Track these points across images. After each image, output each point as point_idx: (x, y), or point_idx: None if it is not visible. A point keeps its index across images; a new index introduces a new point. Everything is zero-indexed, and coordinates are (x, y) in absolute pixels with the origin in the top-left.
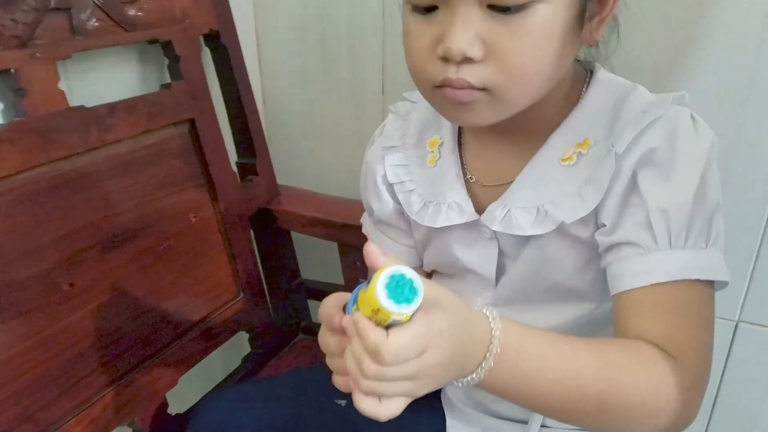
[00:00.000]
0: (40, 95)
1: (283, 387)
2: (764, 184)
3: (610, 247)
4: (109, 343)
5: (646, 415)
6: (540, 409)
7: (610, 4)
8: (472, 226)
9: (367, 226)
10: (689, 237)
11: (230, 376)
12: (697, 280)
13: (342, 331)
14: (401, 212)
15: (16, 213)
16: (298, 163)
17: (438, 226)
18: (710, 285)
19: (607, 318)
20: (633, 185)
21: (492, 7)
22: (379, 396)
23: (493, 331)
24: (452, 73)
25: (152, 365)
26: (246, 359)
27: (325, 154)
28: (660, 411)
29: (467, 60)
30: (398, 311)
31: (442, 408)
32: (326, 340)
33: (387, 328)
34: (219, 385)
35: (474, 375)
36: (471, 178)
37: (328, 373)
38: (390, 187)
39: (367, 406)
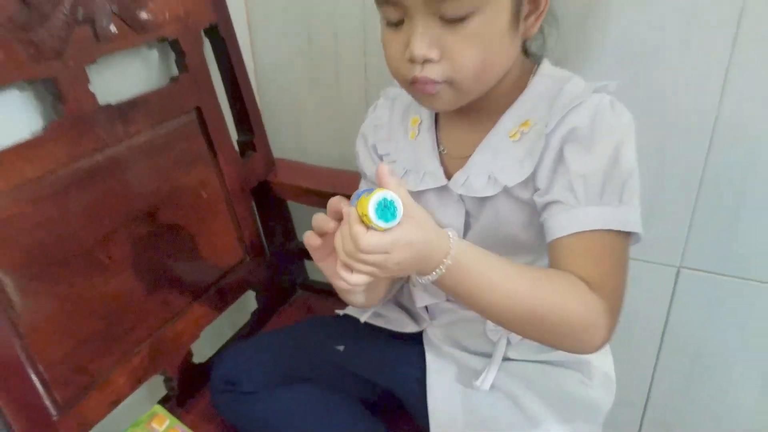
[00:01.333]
0: (74, 98)
1: (288, 338)
2: (700, 142)
3: (544, 206)
4: (142, 305)
5: (581, 329)
6: (484, 313)
7: (543, 3)
8: (443, 190)
9: (362, 186)
10: (603, 196)
11: (241, 329)
12: (611, 230)
13: (339, 215)
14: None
15: (61, 200)
16: (290, 137)
17: (416, 190)
18: (624, 235)
19: (547, 266)
20: (560, 156)
21: (442, 18)
22: (351, 269)
23: (450, 249)
24: (418, 71)
25: (177, 322)
26: (253, 314)
27: (312, 128)
28: (591, 326)
29: (428, 61)
30: (376, 224)
31: (423, 347)
32: (320, 217)
33: (368, 228)
34: (232, 338)
35: (430, 276)
36: (443, 150)
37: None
38: (379, 157)
39: (342, 273)
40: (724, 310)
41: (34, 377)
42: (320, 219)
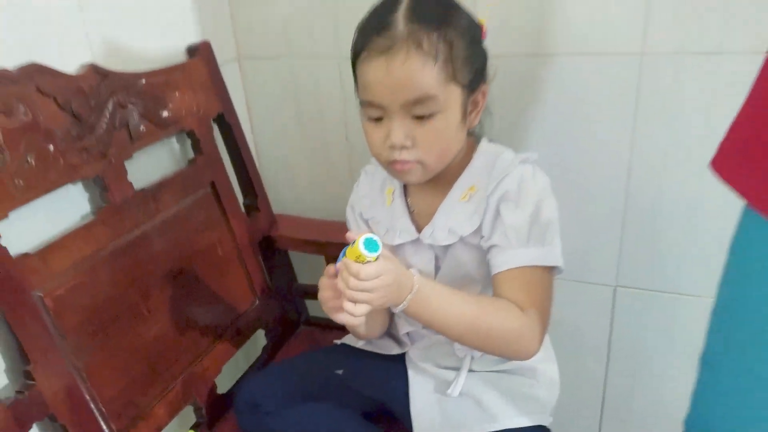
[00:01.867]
0: (117, 188)
1: (297, 365)
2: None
3: (488, 249)
4: (175, 347)
5: (514, 341)
6: (443, 332)
7: (480, 105)
8: (416, 241)
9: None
10: (529, 240)
11: (254, 362)
12: (536, 265)
13: (335, 276)
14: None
15: (109, 269)
16: (287, 196)
17: (395, 243)
18: (547, 268)
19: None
20: (497, 212)
21: (413, 116)
22: (354, 302)
23: (414, 284)
24: (397, 155)
25: (203, 359)
26: (264, 348)
27: (305, 187)
28: (520, 338)
29: (404, 147)
30: (370, 255)
31: (406, 367)
32: (324, 281)
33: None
34: (248, 370)
35: (401, 305)
36: (413, 210)
37: (325, 353)
38: (365, 221)
39: (348, 308)
40: (657, 320)
41: (96, 411)
42: (324, 281)
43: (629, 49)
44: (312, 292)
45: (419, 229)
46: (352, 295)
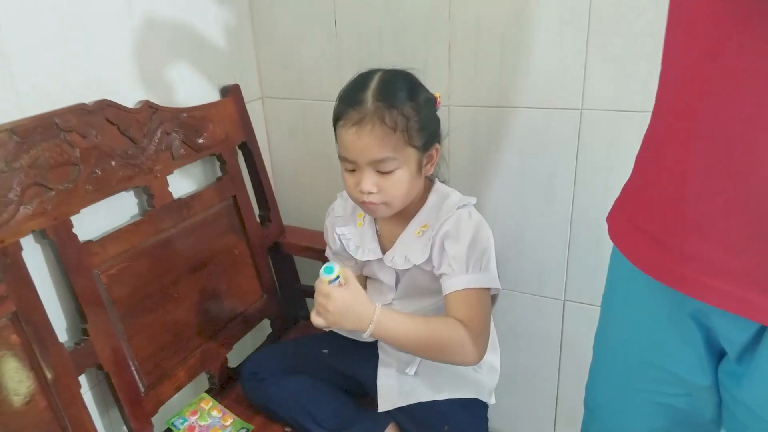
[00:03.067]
0: (160, 196)
1: (291, 346)
2: (565, 209)
3: (438, 276)
4: (195, 325)
5: (456, 353)
6: (404, 349)
7: (434, 159)
8: (380, 260)
9: (329, 253)
10: (468, 268)
11: (260, 346)
12: (477, 288)
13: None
14: (345, 249)
15: (149, 258)
16: (295, 210)
17: (364, 260)
18: (485, 289)
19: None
20: (442, 247)
21: (378, 171)
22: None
23: (374, 315)
24: (366, 197)
25: (218, 337)
26: (269, 336)
27: (310, 203)
28: (461, 348)
29: (371, 193)
30: (325, 277)
31: (377, 351)
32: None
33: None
34: (254, 351)
35: (365, 333)
36: (380, 233)
37: (316, 337)
38: (339, 236)
39: (312, 314)
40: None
41: (132, 367)
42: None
43: (571, 105)
44: (310, 292)
45: (384, 251)
46: (319, 308)
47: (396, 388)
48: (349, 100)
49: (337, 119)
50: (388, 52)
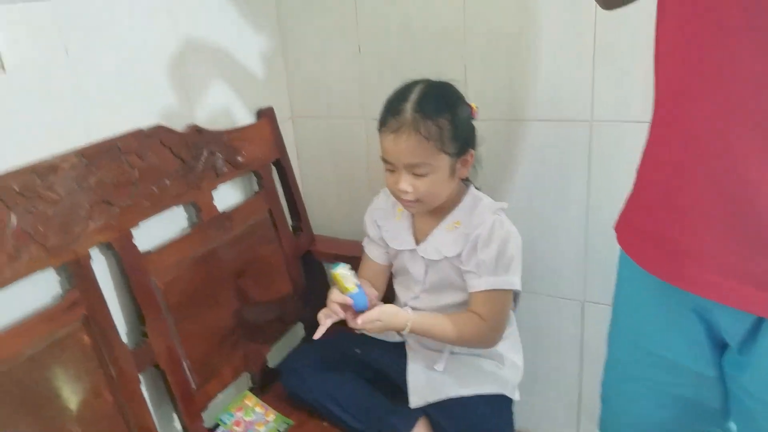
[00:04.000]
0: (206, 211)
1: (327, 344)
2: (580, 215)
3: (465, 272)
4: (238, 327)
5: (476, 341)
6: (435, 339)
7: (468, 163)
8: (413, 251)
9: (365, 242)
10: (495, 271)
11: (296, 348)
12: (498, 289)
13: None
14: (381, 237)
15: (197, 267)
16: (324, 221)
17: (398, 248)
18: (508, 291)
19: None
20: (473, 247)
21: (413, 173)
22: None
23: (408, 318)
24: (403, 195)
25: (258, 339)
26: (302, 339)
27: (337, 214)
28: (481, 337)
29: (407, 192)
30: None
31: (405, 350)
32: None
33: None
34: (290, 353)
35: (404, 332)
36: (415, 227)
37: (348, 337)
38: (378, 226)
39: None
40: None
41: (185, 365)
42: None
43: (582, 117)
44: None
45: (417, 241)
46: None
47: (425, 384)
48: (391, 109)
49: (380, 125)
50: (408, 71)
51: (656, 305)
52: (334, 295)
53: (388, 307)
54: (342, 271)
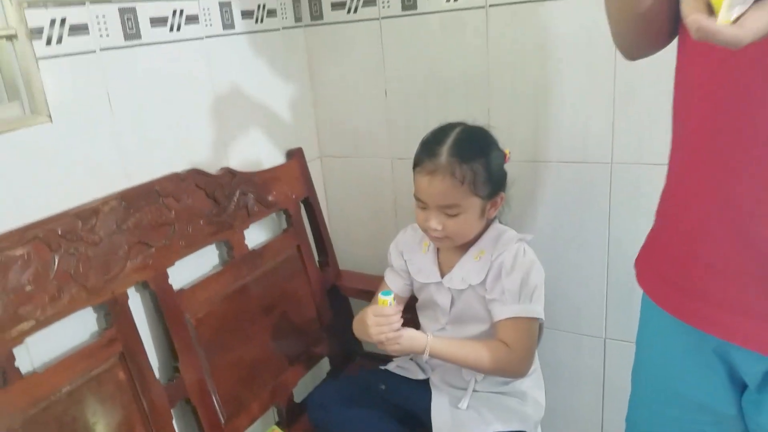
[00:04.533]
0: (238, 248)
1: (353, 381)
2: (602, 253)
3: (489, 300)
4: (267, 362)
5: (500, 370)
6: (460, 364)
7: (498, 204)
8: (439, 283)
9: (387, 272)
10: (519, 299)
11: (321, 382)
12: (523, 317)
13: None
14: (405, 270)
15: (229, 302)
16: (349, 256)
17: (423, 281)
18: (533, 320)
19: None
20: (497, 275)
21: (444, 213)
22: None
23: (427, 342)
24: (432, 232)
25: (285, 374)
26: (328, 373)
27: (363, 251)
28: (505, 367)
29: (436, 230)
30: (384, 298)
31: (429, 387)
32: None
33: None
34: (316, 387)
35: (423, 356)
36: (440, 260)
37: (373, 373)
38: (404, 260)
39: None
40: None
41: (215, 399)
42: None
43: (602, 159)
44: None
45: (443, 274)
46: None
47: (449, 421)
48: (427, 151)
49: (415, 165)
50: (433, 115)
51: (678, 345)
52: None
53: (408, 330)
54: (383, 297)
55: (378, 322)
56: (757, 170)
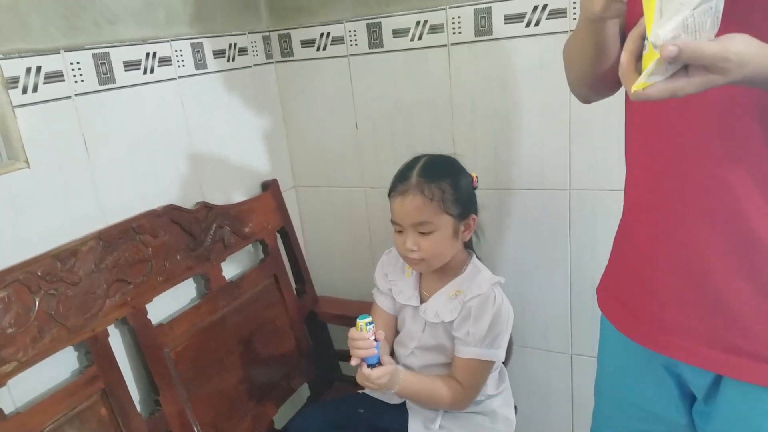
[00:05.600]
0: (215, 281)
1: (332, 405)
2: (564, 271)
3: (455, 337)
4: (247, 391)
5: (449, 405)
6: (420, 402)
7: (471, 227)
8: (416, 309)
9: (375, 292)
10: (482, 344)
11: (301, 408)
12: (481, 359)
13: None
14: (389, 289)
15: (207, 334)
16: (326, 282)
17: (403, 302)
18: (490, 363)
19: None
20: (467, 317)
21: (419, 232)
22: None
23: (398, 382)
24: (409, 254)
25: (265, 401)
26: (308, 398)
27: (340, 276)
28: (456, 402)
29: (413, 250)
30: (362, 321)
31: (406, 410)
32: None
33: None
34: (297, 413)
35: (393, 390)
36: (422, 286)
37: (352, 398)
38: (388, 280)
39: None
40: None
41: (196, 431)
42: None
43: (561, 186)
44: (344, 355)
45: (423, 299)
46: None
47: None
48: (399, 177)
49: (389, 191)
50: (401, 144)
51: (633, 362)
52: (353, 332)
53: (395, 369)
54: (362, 323)
55: (351, 344)
56: (694, 213)
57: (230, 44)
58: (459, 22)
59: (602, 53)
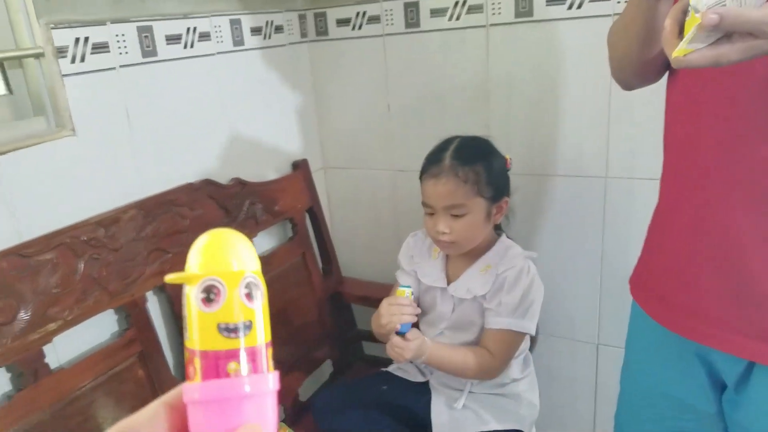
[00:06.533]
0: None
1: (355, 383)
2: (595, 262)
3: (486, 309)
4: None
5: (481, 373)
6: (448, 371)
7: (503, 209)
8: (444, 289)
9: (398, 273)
10: (514, 313)
11: (324, 384)
12: (512, 330)
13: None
14: (414, 270)
15: None
16: (352, 264)
17: (430, 284)
18: (521, 334)
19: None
20: (500, 288)
21: (451, 215)
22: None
23: (427, 350)
24: (440, 236)
25: (291, 375)
26: (331, 375)
27: (365, 258)
28: (485, 371)
29: (444, 233)
30: (401, 288)
31: (429, 388)
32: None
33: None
34: (319, 388)
35: (422, 359)
36: (448, 268)
37: (376, 376)
38: (413, 262)
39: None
40: None
41: None
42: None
43: (597, 173)
44: (366, 336)
45: (449, 281)
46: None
47: (448, 420)
48: (432, 159)
49: (421, 174)
50: (433, 128)
51: (664, 349)
52: (398, 298)
53: (423, 338)
54: (406, 291)
55: (390, 310)
56: (735, 200)
57: (267, 21)
58: (499, 2)
59: (653, 35)
